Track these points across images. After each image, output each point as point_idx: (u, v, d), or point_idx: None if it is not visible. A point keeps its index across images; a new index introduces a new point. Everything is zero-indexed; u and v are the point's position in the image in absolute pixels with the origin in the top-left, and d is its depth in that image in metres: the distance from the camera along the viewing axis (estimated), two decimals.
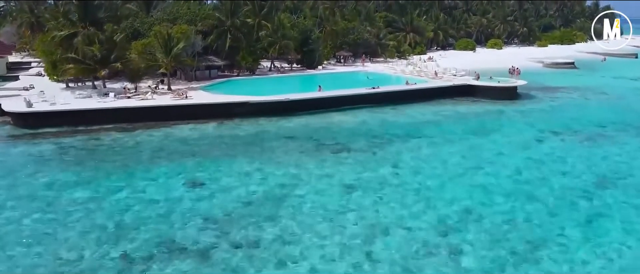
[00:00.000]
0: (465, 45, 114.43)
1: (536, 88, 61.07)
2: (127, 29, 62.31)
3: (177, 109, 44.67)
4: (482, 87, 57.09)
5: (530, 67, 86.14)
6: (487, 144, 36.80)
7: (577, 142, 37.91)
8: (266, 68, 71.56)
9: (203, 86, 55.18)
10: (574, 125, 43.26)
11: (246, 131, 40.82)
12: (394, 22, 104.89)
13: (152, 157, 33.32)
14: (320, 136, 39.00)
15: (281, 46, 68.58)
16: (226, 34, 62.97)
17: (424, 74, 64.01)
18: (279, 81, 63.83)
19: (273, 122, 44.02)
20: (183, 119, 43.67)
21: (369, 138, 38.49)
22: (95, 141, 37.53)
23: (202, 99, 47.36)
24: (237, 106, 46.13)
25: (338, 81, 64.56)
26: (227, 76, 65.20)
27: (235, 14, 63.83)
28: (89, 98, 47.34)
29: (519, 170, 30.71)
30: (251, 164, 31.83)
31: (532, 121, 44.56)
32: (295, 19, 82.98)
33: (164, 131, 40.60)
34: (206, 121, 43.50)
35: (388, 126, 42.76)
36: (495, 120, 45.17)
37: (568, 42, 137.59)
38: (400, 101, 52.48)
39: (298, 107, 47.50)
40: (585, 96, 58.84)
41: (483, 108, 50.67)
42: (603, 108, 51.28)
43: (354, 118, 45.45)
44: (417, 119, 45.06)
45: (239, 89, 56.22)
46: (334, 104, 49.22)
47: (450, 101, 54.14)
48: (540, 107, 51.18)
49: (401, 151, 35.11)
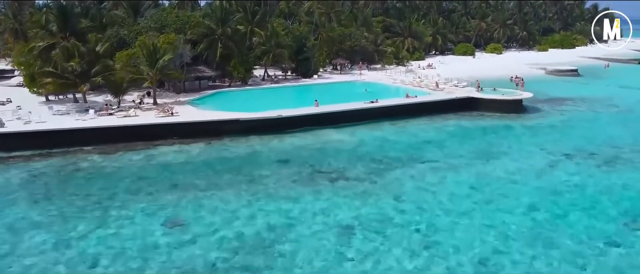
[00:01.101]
0: (464, 50, 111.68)
1: (542, 100, 58.30)
2: (112, 38, 59.18)
3: (162, 128, 41.55)
4: (486, 100, 54.20)
5: (532, 74, 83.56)
6: (496, 171, 33.85)
7: (593, 167, 35.01)
8: (259, 77, 68.54)
9: (191, 100, 52.11)
10: (587, 146, 40.39)
11: (235, 153, 37.77)
12: (391, 27, 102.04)
13: (130, 188, 30.20)
14: (315, 160, 36.01)
15: (275, 55, 65.56)
16: (217, 43, 59.92)
17: (424, 85, 61.08)
18: (272, 92, 60.82)
19: (265, 141, 41.04)
20: (168, 139, 40.65)
21: (367, 162, 35.50)
22: (71, 166, 34.45)
23: (189, 115, 44.26)
24: (227, 124, 43.08)
25: (334, 93, 61.69)
26: (218, 87, 62.19)
27: (226, 21, 60.75)
28: (67, 115, 44.20)
29: (535, 206, 27.75)
30: (239, 197, 28.79)
31: (541, 141, 41.66)
32: (290, 24, 80.00)
33: (146, 153, 37.54)
34: (193, 141, 40.53)
35: (388, 147, 39.80)
36: (502, 139, 42.23)
37: (568, 46, 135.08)
38: (400, 115, 49.60)
39: (292, 124, 44.53)
40: (594, 108, 56.03)
41: (488, 124, 47.80)
42: (615, 124, 48.45)
43: (351, 137, 42.45)
44: (418, 138, 42.10)
45: (230, 103, 53.25)
46: (331, 120, 46.27)
47: (453, 115, 51.22)
48: (549, 123, 48.31)
49: (403, 179, 32.12)
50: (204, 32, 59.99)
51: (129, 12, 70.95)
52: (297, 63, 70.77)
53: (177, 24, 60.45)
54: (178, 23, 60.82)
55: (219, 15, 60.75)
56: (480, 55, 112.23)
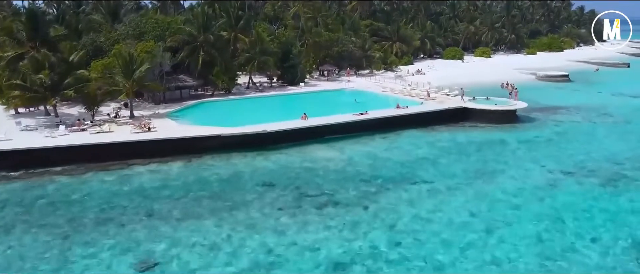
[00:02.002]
0: (453, 55, 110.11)
1: (535, 109, 56.44)
2: (88, 46, 56.29)
3: (138, 146, 38.77)
4: (479, 110, 52.24)
5: (523, 80, 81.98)
6: (495, 193, 31.74)
7: (596, 187, 33.09)
8: (244, 85, 65.92)
9: (171, 112, 49.37)
10: (586, 161, 38.54)
11: (216, 174, 35.17)
12: (379, 31, 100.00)
13: (100, 219, 27.51)
14: (301, 182, 33.59)
15: (260, 62, 63.00)
16: (198, 51, 57.17)
17: (415, 94, 58.97)
18: (257, 102, 58.25)
19: (248, 159, 38.53)
20: (144, 157, 37.92)
21: (358, 184, 33.19)
22: (35, 192, 31.62)
23: (167, 131, 41.53)
24: (207, 140, 40.43)
25: (322, 102, 59.45)
26: (201, 96, 59.48)
27: (208, 28, 58.04)
28: (36, 131, 41.23)
29: (540, 236, 25.66)
30: (219, 229, 26.28)
31: (539, 157, 39.72)
32: (275, 29, 77.49)
33: (120, 174, 34.85)
34: (171, 159, 37.89)
35: (379, 165, 37.51)
36: (498, 156, 40.17)
37: (557, 49, 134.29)
38: (391, 127, 47.44)
39: (277, 139, 42.08)
40: (589, 118, 54.38)
41: (483, 137, 45.74)
42: (613, 137, 46.71)
43: (340, 154, 40.09)
44: (411, 155, 39.88)
45: (212, 115, 50.71)
46: (318, 134, 43.93)
47: (445, 128, 49.15)
48: (545, 136, 46.44)
49: (397, 204, 29.85)
50: (184, 39, 57.22)
51: (106, 17, 68.10)
52: (283, 70, 68.28)
53: (156, 30, 57.63)
54: (157, 29, 58.00)
55: (200, 21, 57.99)
56: (469, 60, 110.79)
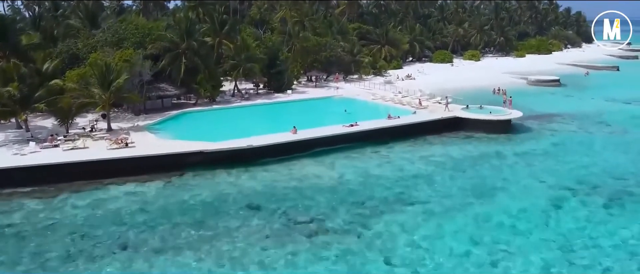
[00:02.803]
0: (442, 58, 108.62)
1: (529, 117, 54.76)
2: (63, 54, 53.57)
3: (114, 164, 36.27)
4: (473, 120, 50.52)
5: (514, 85, 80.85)
6: (496, 215, 29.87)
7: (601, 207, 31.40)
8: (228, 92, 63.52)
9: (150, 124, 46.85)
10: (588, 176, 36.88)
11: (198, 196, 32.81)
12: (368, 34, 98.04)
13: (69, 253, 25.09)
14: (290, 204, 31.41)
15: (245, 69, 60.65)
16: (180, 58, 54.66)
17: (407, 102, 57.07)
18: (243, 111, 55.89)
19: (233, 177, 36.26)
20: (121, 176, 35.47)
21: (350, 206, 31.09)
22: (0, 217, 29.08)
23: (146, 147, 39.01)
24: (189, 157, 38.07)
25: (310, 111, 57.40)
26: (183, 105, 56.99)
27: (191, 34, 55.50)
28: (4, 147, 38.55)
29: (548, 268, 23.81)
30: (199, 264, 24.03)
31: (538, 172, 37.99)
32: (261, 34, 75.17)
33: (94, 197, 32.36)
34: (150, 178, 35.46)
35: (372, 183, 35.43)
36: (495, 171, 38.34)
37: (545, 51, 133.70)
38: (383, 139, 45.50)
39: (263, 154, 39.85)
40: (586, 127, 52.90)
41: (478, 150, 43.91)
42: (611, 148, 45.25)
43: (330, 171, 37.95)
44: (404, 172, 37.84)
45: (194, 127, 48.41)
46: (307, 147, 41.78)
47: (438, 139, 47.32)
48: (542, 148, 44.77)
49: (393, 230, 27.82)
50: (166, 46, 54.64)
51: (85, 22, 65.24)
52: (269, 77, 65.99)
53: (136, 37, 54.99)
54: (137, 36, 55.37)
55: (183, 27, 55.45)
56: (458, 63, 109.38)
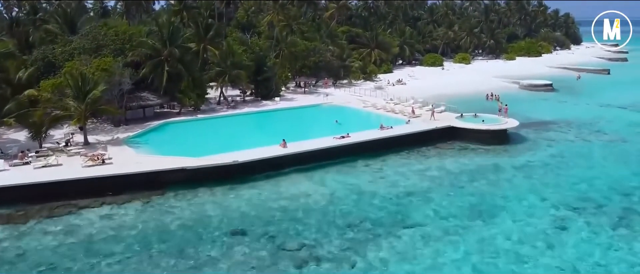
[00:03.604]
0: (433, 61, 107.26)
1: (524, 125, 52.96)
2: (39, 61, 50.88)
3: (88, 184, 33.82)
4: (468, 130, 48.74)
5: (506, 89, 79.50)
6: (498, 240, 27.95)
7: (608, 228, 29.61)
8: (214, 100, 61.14)
9: (130, 137, 44.41)
10: (591, 193, 35.15)
11: (179, 219, 30.49)
12: (357, 38, 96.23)
13: None
14: (278, 228, 29.25)
15: (231, 76, 58.35)
16: (163, 65, 52.23)
17: (399, 110, 55.15)
18: (229, 121, 53.60)
19: (217, 197, 34.00)
20: (97, 196, 33.07)
21: (343, 230, 28.99)
22: None
23: (125, 163, 36.57)
24: (170, 174, 35.73)
25: (299, 120, 55.55)
26: (167, 114, 54.62)
27: (174, 40, 53.05)
28: None
29: None
30: None
31: (538, 188, 36.20)
32: (248, 39, 72.87)
33: (66, 222, 29.93)
34: (128, 199, 33.12)
35: (365, 202, 33.34)
36: (494, 187, 36.41)
37: (535, 54, 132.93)
38: (376, 151, 43.55)
39: (250, 170, 37.65)
40: (583, 136, 51.41)
41: (474, 163, 42.06)
42: (611, 159, 43.66)
43: (321, 187, 35.81)
44: (399, 189, 35.79)
45: (177, 139, 46.05)
46: (296, 162, 39.64)
47: (434, 150, 45.52)
48: (540, 160, 43.04)
49: (390, 258, 25.75)
50: (147, 53, 52.14)
51: (63, 27, 62.47)
52: (256, 84, 63.75)
53: (115, 43, 52.41)
54: (117, 42, 52.78)
55: (165, 33, 52.97)
56: (449, 66, 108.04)
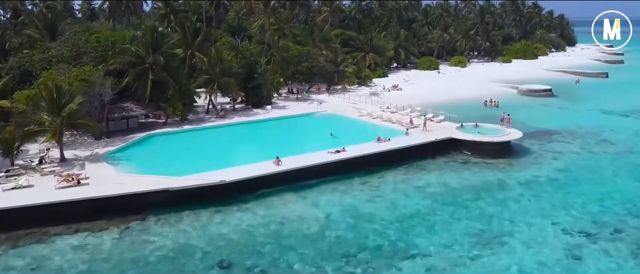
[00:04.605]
0: (428, 65, 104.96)
1: (527, 134, 50.38)
2: (15, 70, 47.92)
3: (61, 208, 30.93)
4: (469, 142, 46.28)
5: (504, 95, 77.35)
6: (511, 271, 25.50)
7: (629, 256, 27.31)
8: (203, 108, 58.33)
9: (111, 152, 41.56)
10: (606, 216, 32.63)
11: (160, 249, 27.76)
12: (351, 41, 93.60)
13: None
14: (267, 260, 26.59)
15: (220, 84, 55.59)
16: (147, 74, 49.41)
17: (396, 120, 52.64)
18: (217, 133, 50.76)
19: (202, 222, 31.32)
20: (71, 222, 30.25)
21: (340, 262, 26.42)
22: None
23: (102, 184, 33.66)
24: (152, 195, 32.92)
25: (292, 131, 52.95)
26: (152, 125, 51.78)
27: (158, 47, 50.21)
28: None
29: None
30: None
31: (548, 208, 33.82)
32: (239, 43, 70.13)
33: (34, 253, 27.24)
34: (105, 225, 30.42)
35: (364, 227, 30.73)
36: (500, 208, 33.92)
37: (531, 56, 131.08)
38: (373, 166, 41.05)
39: (238, 189, 34.96)
40: (588, 147, 49.12)
41: (477, 178, 39.62)
42: (622, 174, 41.30)
43: (315, 210, 33.17)
44: (399, 211, 33.23)
45: (161, 154, 43.39)
46: (289, 180, 36.99)
47: (434, 163, 43.09)
48: (547, 175, 40.63)
49: None
50: (130, 60, 49.26)
51: (43, 32, 59.50)
52: (247, 91, 61.01)
53: (97, 51, 49.50)
54: (98, 49, 49.88)
55: (149, 40, 50.05)
56: (444, 70, 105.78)
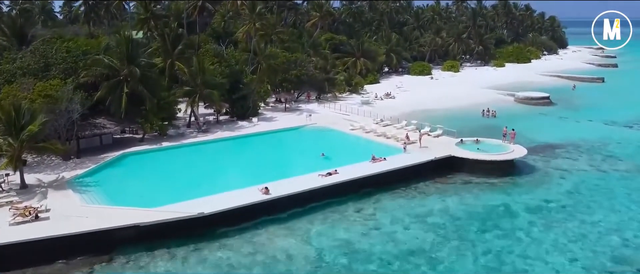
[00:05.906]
0: (421, 70, 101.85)
1: (529, 149, 46.84)
2: None
3: (13, 250, 27.00)
4: (470, 160, 42.99)
5: (501, 102, 74.68)
6: None
7: None
8: (184, 120, 54.50)
9: (78, 176, 37.63)
10: (627, 251, 29.41)
11: None
12: (341, 46, 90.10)
13: None
14: None
15: (202, 96, 51.83)
16: (122, 87, 45.49)
17: (391, 135, 49.22)
18: (198, 150, 46.94)
19: (176, 262, 27.83)
20: (24, 267, 26.48)
21: None
22: None
23: (64, 218, 29.69)
24: (121, 232, 29.11)
25: (279, 147, 49.36)
26: (128, 141, 47.95)
27: (134, 58, 46.32)
28: None
29: None
30: None
31: (562, 241, 30.55)
32: (223, 49, 66.36)
33: None
34: (66, 269, 26.67)
35: (359, 268, 27.21)
36: (510, 240, 30.59)
37: (524, 60, 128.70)
38: (368, 188, 37.66)
39: (220, 222, 31.28)
40: (597, 164, 46.01)
41: (482, 204, 36.26)
42: (637, 198, 38.22)
43: (305, 245, 29.57)
44: (398, 245, 29.70)
45: (134, 178, 39.48)
46: (275, 210, 33.39)
47: (433, 186, 39.75)
48: (556, 199, 37.41)
49: None
50: (103, 72, 45.29)
51: (12, 40, 55.11)
52: (232, 103, 57.25)
53: (66, 62, 45.44)
54: (69, 60, 45.81)
55: (124, 50, 46.03)
56: (437, 75, 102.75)
